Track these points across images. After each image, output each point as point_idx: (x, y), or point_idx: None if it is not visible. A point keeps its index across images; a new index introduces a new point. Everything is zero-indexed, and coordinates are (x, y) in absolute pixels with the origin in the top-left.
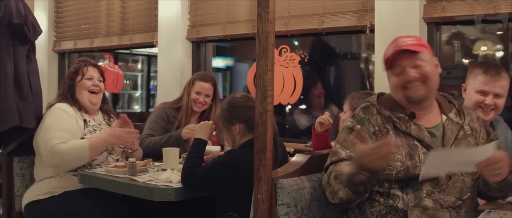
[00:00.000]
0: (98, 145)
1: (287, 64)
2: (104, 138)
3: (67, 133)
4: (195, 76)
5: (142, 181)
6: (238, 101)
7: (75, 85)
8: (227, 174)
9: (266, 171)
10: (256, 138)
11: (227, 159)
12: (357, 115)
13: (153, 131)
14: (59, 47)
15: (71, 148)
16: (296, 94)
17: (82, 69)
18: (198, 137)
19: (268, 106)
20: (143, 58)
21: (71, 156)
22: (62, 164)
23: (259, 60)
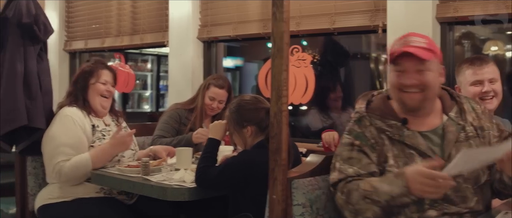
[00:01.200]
0: (102, 158)
1: (299, 64)
2: (106, 150)
3: (71, 148)
4: (211, 80)
5: (156, 180)
6: (248, 103)
7: (88, 87)
8: (241, 174)
9: (282, 171)
10: (271, 138)
11: (241, 159)
12: (353, 130)
13: (164, 132)
14: (70, 47)
15: (74, 167)
16: (308, 95)
17: (98, 72)
18: (212, 136)
19: (283, 106)
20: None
21: (74, 174)
22: (67, 182)
23: (274, 60)
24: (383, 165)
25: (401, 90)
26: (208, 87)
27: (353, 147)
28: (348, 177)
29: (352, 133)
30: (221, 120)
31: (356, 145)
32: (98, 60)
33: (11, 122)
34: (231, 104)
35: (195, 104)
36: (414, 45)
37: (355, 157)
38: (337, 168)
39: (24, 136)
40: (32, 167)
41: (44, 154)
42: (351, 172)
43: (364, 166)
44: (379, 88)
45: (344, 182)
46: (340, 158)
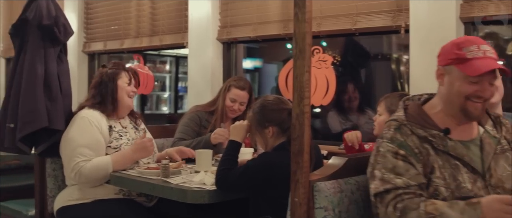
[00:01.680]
0: (122, 162)
1: (320, 65)
2: (128, 155)
3: (89, 150)
4: (231, 82)
5: (175, 183)
6: (271, 104)
7: (117, 88)
8: (262, 176)
9: (303, 173)
10: (293, 140)
11: (262, 161)
12: (395, 139)
13: (185, 134)
14: (89, 49)
15: (95, 168)
16: (329, 96)
17: (125, 73)
18: (233, 138)
19: (305, 108)
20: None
21: (95, 176)
22: (87, 183)
23: (295, 61)
24: (429, 176)
25: (468, 99)
26: (229, 89)
27: (397, 156)
28: (397, 188)
29: (395, 142)
30: (242, 120)
31: (401, 154)
32: (120, 63)
33: (32, 124)
34: (255, 104)
35: (215, 107)
36: (492, 57)
37: (401, 167)
38: (378, 176)
39: (44, 137)
40: (51, 168)
41: (63, 156)
42: (400, 183)
43: (413, 177)
44: (400, 89)
45: (394, 194)
46: (381, 167)
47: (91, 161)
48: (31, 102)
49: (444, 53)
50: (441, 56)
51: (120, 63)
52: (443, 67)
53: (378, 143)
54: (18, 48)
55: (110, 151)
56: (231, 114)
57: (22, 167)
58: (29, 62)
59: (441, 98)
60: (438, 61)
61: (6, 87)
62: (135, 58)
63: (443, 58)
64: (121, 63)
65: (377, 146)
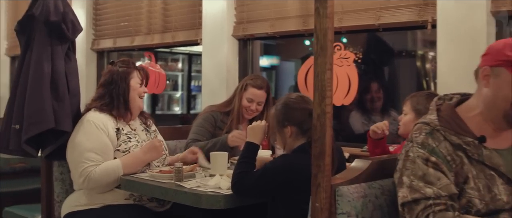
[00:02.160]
0: (133, 165)
1: (341, 62)
2: (138, 157)
3: (96, 154)
4: (248, 81)
5: (189, 187)
6: (293, 102)
7: (129, 89)
8: (281, 179)
9: (325, 177)
10: (314, 142)
11: (281, 164)
12: (427, 144)
13: (199, 135)
14: (97, 46)
15: (105, 173)
16: (351, 95)
17: (136, 72)
18: (250, 140)
19: (326, 107)
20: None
21: (105, 180)
22: (96, 188)
23: (316, 58)
24: (462, 186)
25: None
26: (246, 88)
27: (428, 163)
28: (427, 198)
29: (426, 147)
30: (260, 121)
31: (432, 162)
32: (130, 61)
33: (38, 125)
34: (278, 101)
35: (231, 107)
36: None
37: (432, 175)
38: (406, 184)
39: (51, 139)
40: (58, 172)
41: (70, 161)
42: (430, 193)
43: (445, 187)
44: (426, 88)
45: (423, 205)
46: (410, 173)
47: (100, 166)
48: (37, 102)
49: (494, 53)
50: (489, 55)
51: (130, 61)
52: (491, 68)
53: (407, 147)
54: (24, 46)
55: (119, 155)
56: (248, 114)
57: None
58: (35, 60)
59: (483, 101)
60: (483, 61)
61: (11, 86)
62: (146, 56)
63: (491, 58)
64: (132, 61)
65: (406, 150)
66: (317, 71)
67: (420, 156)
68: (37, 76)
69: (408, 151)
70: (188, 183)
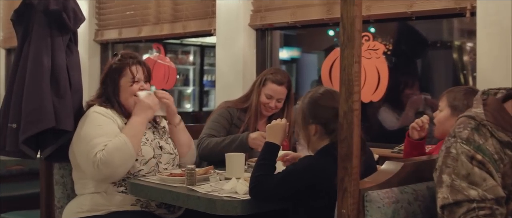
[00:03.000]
0: (135, 131)
1: (369, 54)
2: (136, 122)
3: (105, 137)
4: (267, 75)
5: (203, 191)
6: (320, 98)
7: (119, 88)
8: (304, 183)
9: (352, 181)
10: (340, 142)
11: (305, 166)
12: (472, 140)
13: (214, 131)
14: (101, 37)
15: (115, 150)
16: (380, 91)
17: (131, 69)
18: (269, 140)
19: (354, 104)
20: (196, 49)
21: (117, 159)
22: (113, 173)
23: (343, 50)
24: (510, 189)
25: None
26: (265, 84)
27: (472, 161)
28: (470, 200)
29: (472, 143)
30: (279, 119)
31: (478, 160)
32: (127, 54)
33: (37, 124)
34: (305, 96)
35: (249, 103)
36: None
37: (477, 175)
38: (447, 183)
39: (51, 139)
40: (59, 175)
41: (79, 155)
42: (474, 195)
43: (491, 189)
44: (463, 83)
45: (466, 208)
46: (452, 171)
47: (107, 146)
48: (36, 99)
49: None
50: None
51: (127, 55)
52: None
53: (449, 143)
54: (22, 37)
55: None
56: (266, 111)
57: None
58: (34, 53)
59: None
60: None
61: (8, 82)
62: (154, 48)
63: None
64: (129, 55)
65: (447, 145)
66: (343, 65)
67: (464, 153)
68: (35, 70)
69: (449, 147)
70: (201, 187)
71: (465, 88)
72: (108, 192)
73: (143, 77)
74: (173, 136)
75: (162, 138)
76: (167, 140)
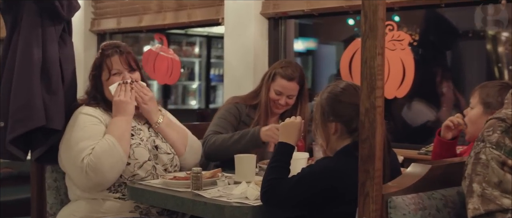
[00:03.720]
0: (120, 129)
1: (394, 46)
2: (117, 121)
3: (91, 140)
4: (277, 69)
5: (210, 196)
6: (341, 93)
7: (103, 85)
8: (321, 187)
9: (375, 185)
10: (361, 142)
11: (322, 169)
12: (503, 144)
13: (220, 128)
14: (98, 27)
15: (102, 153)
16: (406, 86)
17: (106, 62)
18: (283, 140)
19: (377, 101)
20: (202, 40)
21: (106, 163)
22: (103, 179)
23: (364, 41)
24: None
25: None
26: (274, 79)
27: (504, 167)
28: (504, 210)
29: (502, 148)
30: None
31: (509, 166)
32: (106, 46)
33: (26, 122)
34: (324, 90)
35: (258, 100)
36: None
37: (509, 182)
38: (478, 192)
39: (41, 139)
40: (51, 179)
41: (66, 163)
42: (508, 204)
43: None
44: (498, 77)
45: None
46: (482, 179)
47: (94, 149)
48: (25, 95)
49: None
50: None
51: (107, 46)
52: None
53: (478, 148)
54: (10, 28)
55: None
56: (276, 108)
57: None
58: (23, 44)
59: None
60: None
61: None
62: (156, 39)
63: None
64: (108, 45)
65: (476, 151)
66: (365, 57)
67: (494, 159)
68: (25, 63)
69: (478, 153)
70: (208, 192)
71: (499, 83)
72: (105, 198)
73: (124, 67)
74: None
75: (157, 136)
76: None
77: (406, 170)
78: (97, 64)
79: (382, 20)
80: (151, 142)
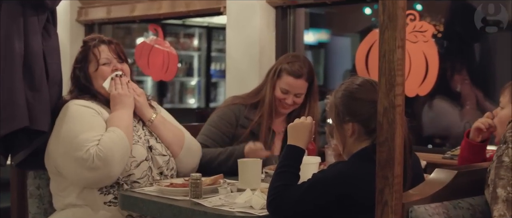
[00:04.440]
0: (125, 121)
1: (415, 37)
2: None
3: (94, 132)
4: (283, 64)
5: (211, 205)
6: (357, 90)
7: (90, 77)
8: (334, 196)
9: (394, 193)
10: (379, 145)
11: (336, 174)
12: None
13: (209, 140)
14: (85, 17)
15: (111, 143)
16: (429, 82)
17: (93, 52)
18: (292, 143)
19: (397, 99)
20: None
21: (117, 154)
22: (110, 172)
23: (383, 32)
24: None
25: None
26: (280, 76)
27: None
28: None
29: None
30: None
31: None
32: (88, 38)
33: (6, 123)
34: (339, 88)
35: (259, 97)
36: None
37: None
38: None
39: (23, 142)
40: (34, 186)
41: (62, 158)
42: None
43: None
44: None
45: None
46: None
47: (101, 139)
48: (5, 92)
49: None
50: None
51: (89, 39)
52: None
53: (500, 150)
54: None
55: None
56: (283, 108)
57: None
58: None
59: None
60: None
61: None
62: (150, 30)
63: None
64: (91, 38)
65: (499, 154)
66: (383, 50)
67: None
68: (5, 58)
69: (501, 156)
70: (208, 200)
71: None
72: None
73: (113, 56)
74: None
75: (152, 135)
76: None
77: (430, 176)
78: (80, 57)
79: (403, 9)
80: (145, 142)
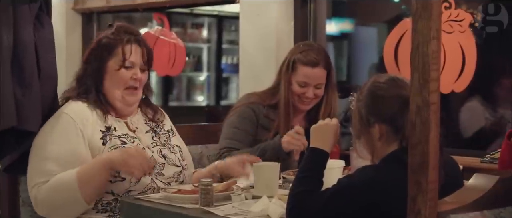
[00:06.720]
0: (90, 174)
1: (451, 28)
2: (102, 162)
3: (57, 164)
4: (296, 55)
5: (223, 214)
6: (381, 88)
7: (104, 73)
8: (362, 204)
9: (428, 201)
10: (411, 148)
11: (363, 180)
12: None
13: (236, 142)
14: (83, 5)
15: (53, 189)
16: (465, 78)
17: (121, 48)
18: (315, 146)
19: (431, 96)
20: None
21: (57, 201)
22: (48, 214)
23: (416, 21)
24: None
25: None
26: (294, 68)
27: None
28: None
29: None
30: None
31: None
32: (123, 28)
33: None
34: (361, 89)
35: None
36: None
37: None
38: None
39: (12, 143)
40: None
41: (28, 169)
42: None
43: None
44: None
45: None
46: None
47: (50, 180)
48: None
49: None
50: None
51: (123, 29)
52: None
53: None
54: None
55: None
56: (303, 104)
57: None
58: None
59: None
60: None
61: None
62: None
63: None
64: (126, 29)
65: None
66: (416, 42)
67: None
68: None
69: None
70: (220, 208)
71: None
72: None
73: (140, 62)
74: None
75: (164, 146)
76: (173, 148)
77: (467, 182)
78: (105, 44)
79: None
80: (158, 151)
